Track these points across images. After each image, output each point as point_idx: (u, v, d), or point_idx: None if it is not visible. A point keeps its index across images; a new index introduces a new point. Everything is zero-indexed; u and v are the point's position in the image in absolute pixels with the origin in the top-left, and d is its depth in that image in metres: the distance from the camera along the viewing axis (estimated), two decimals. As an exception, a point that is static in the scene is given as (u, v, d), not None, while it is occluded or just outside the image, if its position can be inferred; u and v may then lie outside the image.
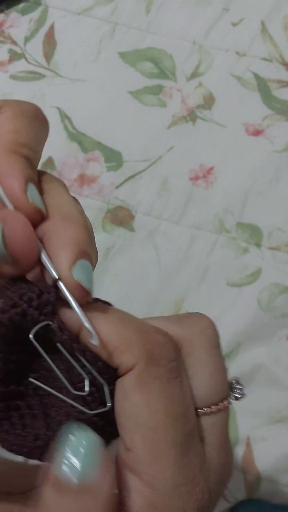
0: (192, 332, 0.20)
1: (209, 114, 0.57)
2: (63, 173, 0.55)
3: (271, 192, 0.52)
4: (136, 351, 0.18)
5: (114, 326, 0.19)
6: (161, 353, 0.19)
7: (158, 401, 0.18)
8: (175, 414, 0.18)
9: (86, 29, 0.62)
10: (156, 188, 0.53)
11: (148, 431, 0.18)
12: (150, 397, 0.18)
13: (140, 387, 0.18)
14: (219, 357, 0.21)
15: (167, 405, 0.18)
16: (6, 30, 0.63)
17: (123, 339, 0.19)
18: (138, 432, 0.18)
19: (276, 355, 0.47)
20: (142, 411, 0.18)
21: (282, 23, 0.60)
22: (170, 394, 0.18)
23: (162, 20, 0.62)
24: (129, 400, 0.18)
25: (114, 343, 0.19)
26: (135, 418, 0.18)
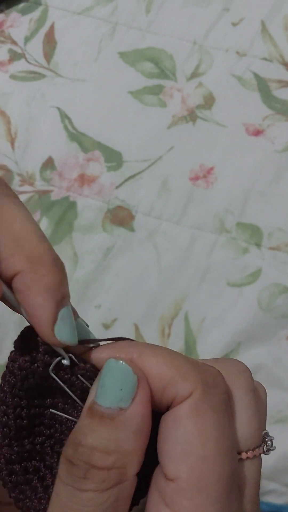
0: (231, 372, 0.20)
1: (209, 114, 0.57)
2: (63, 173, 0.55)
3: (271, 192, 0.52)
4: (192, 379, 0.18)
5: (164, 359, 0.18)
6: (215, 382, 0.18)
7: (210, 431, 0.17)
8: (225, 447, 0.17)
9: (86, 29, 0.62)
10: (156, 188, 0.53)
11: (196, 460, 0.17)
12: (203, 426, 0.17)
13: (194, 415, 0.17)
14: (255, 401, 0.20)
15: (219, 436, 0.17)
16: (6, 30, 0.63)
17: (176, 369, 0.18)
18: (186, 460, 0.17)
19: (276, 355, 0.47)
20: (194, 439, 0.17)
21: (282, 23, 0.60)
22: (222, 426, 0.18)
23: (162, 20, 0.62)
24: (181, 427, 0.17)
25: (169, 374, 0.18)
26: (184, 445, 0.17)
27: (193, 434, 0.17)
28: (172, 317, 0.49)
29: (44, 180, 0.55)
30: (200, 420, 0.17)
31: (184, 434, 0.17)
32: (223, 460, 0.17)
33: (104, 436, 0.17)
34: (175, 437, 0.17)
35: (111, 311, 0.49)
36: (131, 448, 0.17)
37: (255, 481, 0.20)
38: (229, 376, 0.19)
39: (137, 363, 0.18)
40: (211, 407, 0.18)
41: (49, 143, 0.56)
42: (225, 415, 0.18)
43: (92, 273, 0.51)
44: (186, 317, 0.49)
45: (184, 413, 0.17)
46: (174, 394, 0.18)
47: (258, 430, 0.20)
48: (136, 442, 0.17)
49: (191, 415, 0.17)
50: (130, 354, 0.19)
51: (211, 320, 0.48)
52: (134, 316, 0.49)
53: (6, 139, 0.57)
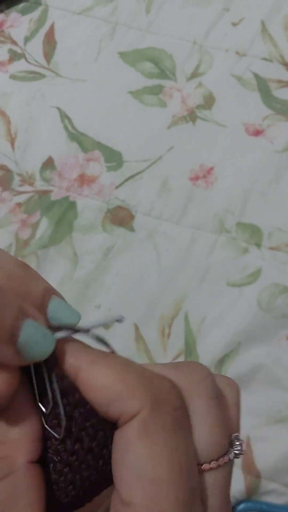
0: (190, 380, 0.19)
1: (209, 114, 0.57)
2: (63, 173, 0.55)
3: (271, 192, 0.52)
4: (140, 397, 0.17)
5: (115, 371, 0.17)
6: (167, 399, 0.17)
7: (162, 452, 0.17)
8: (178, 468, 0.17)
9: (86, 29, 0.62)
10: (156, 188, 0.53)
11: (149, 485, 0.16)
12: (154, 448, 0.17)
13: (143, 436, 0.17)
14: (219, 408, 0.19)
15: (171, 457, 0.17)
16: (6, 30, 0.63)
17: (126, 383, 0.17)
18: (139, 485, 0.16)
19: (276, 355, 0.47)
20: (145, 462, 0.16)
21: (282, 23, 0.60)
22: (174, 446, 0.17)
23: (162, 20, 0.62)
24: (131, 449, 0.17)
25: (116, 388, 0.17)
26: (136, 469, 0.17)
27: (144, 458, 0.16)
28: (172, 317, 0.49)
29: (44, 180, 0.55)
30: (150, 441, 0.17)
31: (135, 458, 0.17)
32: (177, 480, 0.17)
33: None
34: (127, 461, 0.17)
35: (111, 311, 0.49)
36: (16, 436, 0.17)
37: (221, 491, 0.19)
38: (187, 385, 0.19)
39: (85, 372, 0.18)
40: (161, 426, 0.17)
41: (49, 143, 0.56)
42: (178, 433, 0.17)
43: (92, 273, 0.51)
44: (186, 317, 0.49)
45: (133, 435, 0.17)
46: (120, 411, 0.17)
47: (221, 439, 0.19)
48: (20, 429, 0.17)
49: (141, 437, 0.17)
50: (79, 361, 0.18)
51: (211, 320, 0.48)
52: (134, 316, 0.49)
53: (6, 139, 0.57)
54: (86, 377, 0.17)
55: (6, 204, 0.54)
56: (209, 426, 0.19)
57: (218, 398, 0.19)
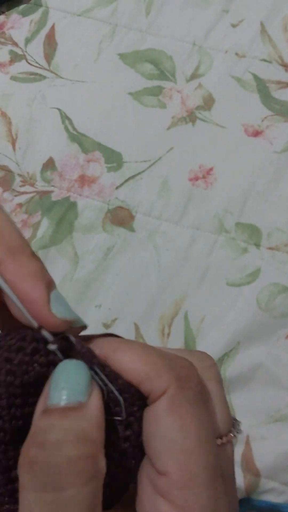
0: (203, 365, 0.21)
1: (208, 115, 0.57)
2: (64, 174, 0.55)
3: (270, 193, 0.53)
4: (166, 376, 0.18)
5: (139, 355, 0.19)
6: (189, 376, 0.19)
7: (190, 424, 0.18)
8: (205, 437, 0.18)
9: (86, 30, 0.63)
10: (156, 189, 0.54)
11: (181, 454, 0.18)
12: (182, 421, 0.18)
13: (172, 411, 0.18)
14: (224, 391, 0.21)
15: (198, 428, 0.18)
16: (6, 32, 0.64)
17: (151, 365, 0.19)
18: (172, 456, 0.18)
19: (276, 355, 0.47)
20: (175, 434, 0.18)
21: (282, 24, 0.60)
22: (199, 417, 0.18)
23: (162, 22, 0.62)
24: (162, 424, 0.18)
25: (143, 371, 0.18)
26: (168, 442, 0.18)
27: (174, 430, 0.18)
28: (172, 316, 0.49)
29: (45, 180, 0.55)
30: (178, 415, 0.18)
31: (165, 431, 0.18)
32: (205, 450, 0.18)
33: (69, 427, 0.16)
34: (158, 435, 0.18)
35: (111, 310, 0.50)
36: (98, 438, 0.17)
37: (230, 464, 0.21)
38: (201, 369, 0.20)
39: (112, 359, 0.19)
40: (187, 401, 0.18)
41: (50, 144, 0.57)
42: (202, 406, 0.19)
43: (93, 273, 0.51)
44: (186, 317, 0.49)
45: (163, 410, 0.18)
46: (149, 390, 0.18)
47: (229, 417, 0.21)
48: (99, 433, 0.17)
49: (170, 412, 0.18)
50: (104, 349, 0.19)
51: (210, 320, 0.49)
52: (134, 315, 0.49)
53: (7, 140, 0.57)
54: (113, 364, 0.19)
55: (7, 205, 0.55)
56: (220, 405, 0.21)
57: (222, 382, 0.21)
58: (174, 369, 0.19)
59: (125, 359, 0.19)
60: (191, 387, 0.19)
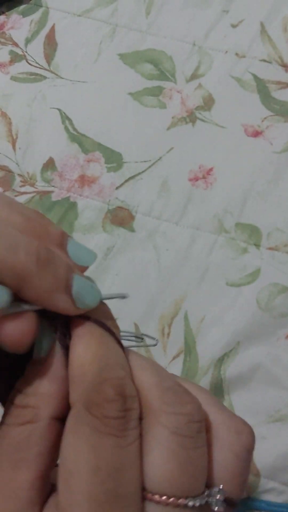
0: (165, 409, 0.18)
1: (208, 115, 0.57)
2: (64, 174, 0.55)
3: (270, 193, 0.53)
4: (80, 390, 0.18)
5: (85, 354, 0.19)
6: (99, 406, 0.17)
7: (81, 447, 0.17)
8: (93, 467, 0.17)
9: (86, 30, 0.63)
10: (156, 189, 0.54)
11: (66, 475, 0.17)
12: (76, 441, 0.17)
13: (72, 429, 0.18)
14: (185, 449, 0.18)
15: (88, 454, 0.17)
16: (7, 32, 0.64)
17: (81, 372, 0.18)
18: (61, 474, 0.17)
19: (275, 355, 0.47)
20: (68, 453, 0.17)
21: (282, 25, 0.60)
22: (96, 445, 0.17)
23: (162, 22, 0.62)
24: (63, 439, 0.18)
25: (73, 371, 0.19)
26: (62, 458, 0.18)
27: (68, 448, 0.18)
28: (172, 316, 0.49)
29: (45, 181, 0.55)
30: (75, 434, 0.18)
31: (63, 448, 0.18)
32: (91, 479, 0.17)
33: (25, 380, 0.19)
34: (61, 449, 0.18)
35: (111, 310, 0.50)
36: (45, 391, 0.19)
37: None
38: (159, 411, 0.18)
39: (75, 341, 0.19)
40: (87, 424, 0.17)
41: (50, 144, 0.57)
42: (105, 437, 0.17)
43: (93, 273, 0.51)
44: (186, 317, 0.49)
45: (67, 425, 0.18)
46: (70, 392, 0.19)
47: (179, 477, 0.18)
48: (50, 386, 0.19)
49: (70, 428, 0.18)
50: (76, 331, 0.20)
51: (210, 320, 0.49)
52: (134, 315, 0.49)
53: (7, 140, 0.58)
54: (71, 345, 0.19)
55: (7, 205, 0.55)
56: (164, 459, 0.18)
57: (189, 439, 0.18)
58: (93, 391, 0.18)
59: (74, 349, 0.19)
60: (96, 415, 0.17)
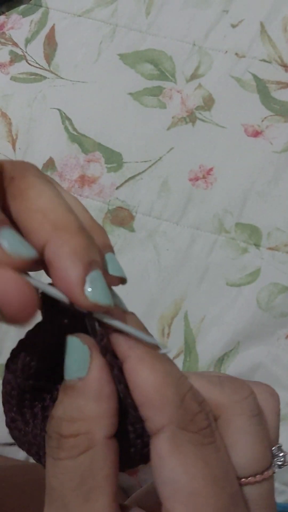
0: (233, 399, 0.20)
1: (208, 115, 0.57)
2: (64, 174, 0.55)
3: (270, 193, 0.53)
4: (168, 413, 0.18)
5: (155, 378, 0.18)
6: (193, 421, 0.18)
7: (194, 464, 0.17)
8: (213, 478, 0.17)
9: (86, 30, 0.63)
10: (156, 189, 0.54)
11: (188, 497, 0.17)
12: (186, 461, 0.17)
13: (175, 452, 0.17)
14: (261, 425, 0.20)
15: (204, 468, 0.17)
16: (7, 32, 0.64)
17: (161, 394, 0.18)
18: (178, 499, 0.17)
19: (275, 354, 0.47)
20: (179, 476, 0.17)
21: (281, 25, 0.60)
22: (205, 457, 0.18)
23: (162, 22, 0.62)
24: (165, 465, 0.18)
25: (150, 395, 0.18)
26: (173, 483, 0.17)
27: (178, 471, 0.17)
28: (172, 316, 0.49)
29: (45, 181, 0.55)
30: (181, 455, 0.17)
31: (169, 472, 0.17)
32: (213, 489, 0.17)
33: (67, 405, 0.18)
34: (163, 476, 0.18)
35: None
36: (94, 413, 0.18)
37: (267, 503, 0.20)
38: (231, 403, 0.19)
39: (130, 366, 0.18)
40: (189, 442, 0.18)
41: (50, 144, 0.57)
42: (207, 446, 0.18)
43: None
44: (186, 317, 0.49)
45: (164, 450, 0.18)
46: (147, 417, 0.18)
47: (263, 454, 0.19)
48: (98, 406, 0.18)
49: (171, 452, 0.17)
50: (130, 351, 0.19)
51: (210, 320, 0.49)
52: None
53: (7, 140, 0.58)
54: (129, 370, 0.18)
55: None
56: (250, 443, 0.19)
57: (259, 416, 0.20)
58: (181, 409, 0.18)
59: (141, 373, 0.18)
60: (193, 431, 0.18)
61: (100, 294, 0.18)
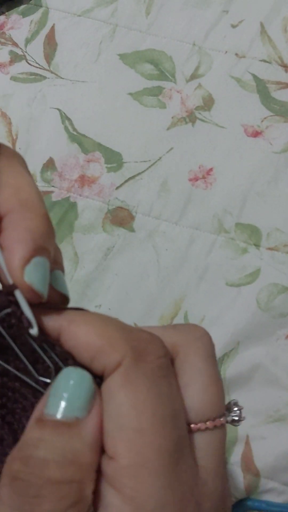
0: (187, 338, 0.19)
1: (208, 115, 0.57)
2: (64, 174, 0.55)
3: (269, 193, 0.53)
4: (121, 348, 0.17)
5: (94, 327, 0.17)
6: (148, 348, 0.17)
7: (144, 400, 0.16)
8: (163, 416, 0.16)
9: (86, 30, 0.63)
10: (156, 189, 0.54)
11: (133, 435, 0.15)
12: (136, 396, 0.16)
13: (126, 386, 0.16)
14: (215, 368, 0.19)
15: (155, 405, 0.16)
16: (7, 32, 0.64)
17: (106, 338, 0.17)
18: (122, 437, 0.16)
19: (275, 355, 0.47)
20: (127, 411, 0.16)
21: (282, 25, 0.60)
22: (158, 393, 0.16)
23: (162, 22, 0.62)
24: (113, 400, 0.16)
25: (97, 344, 0.17)
26: (119, 419, 0.16)
27: (126, 406, 0.16)
28: (172, 316, 0.49)
29: (45, 181, 0.55)
30: (132, 390, 0.16)
31: (117, 407, 0.16)
32: (162, 429, 0.16)
33: (59, 446, 0.15)
34: (109, 411, 0.16)
35: (111, 310, 0.50)
36: (89, 461, 0.15)
37: (216, 453, 0.18)
38: (185, 342, 0.18)
39: (66, 332, 0.17)
40: (144, 374, 0.16)
41: (50, 144, 0.57)
42: (162, 381, 0.17)
43: (93, 273, 0.51)
44: (186, 317, 0.49)
45: (115, 385, 0.16)
46: (103, 365, 0.17)
47: (217, 398, 0.18)
48: (92, 455, 0.16)
49: (122, 386, 0.16)
50: (59, 321, 0.17)
51: (210, 320, 0.49)
52: (134, 315, 0.49)
53: (7, 140, 0.58)
54: (67, 337, 0.17)
55: (7, 205, 0.55)
56: (205, 383, 0.18)
57: (214, 357, 0.19)
58: (131, 341, 0.17)
59: (79, 332, 0.17)
60: (149, 360, 0.17)
61: (39, 280, 0.17)
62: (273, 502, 0.44)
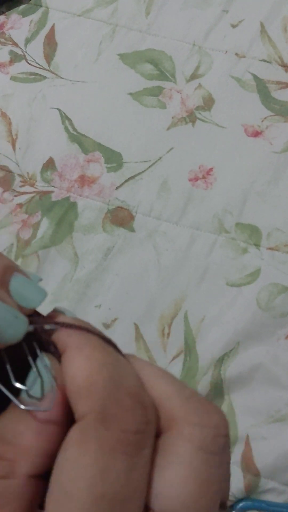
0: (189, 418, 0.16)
1: (208, 115, 0.57)
2: (64, 174, 0.55)
3: (270, 193, 0.53)
4: (92, 401, 0.15)
5: (89, 365, 0.16)
6: (121, 416, 0.15)
7: (88, 468, 0.14)
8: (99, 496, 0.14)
9: (86, 30, 0.63)
10: (156, 189, 0.54)
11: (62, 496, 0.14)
12: (81, 459, 0.14)
13: (78, 443, 0.15)
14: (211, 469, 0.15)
15: (96, 479, 0.14)
16: (6, 32, 0.64)
17: (90, 382, 0.15)
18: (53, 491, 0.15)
19: (275, 355, 0.47)
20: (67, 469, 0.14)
21: (281, 25, 0.60)
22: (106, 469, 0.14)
23: (162, 22, 0.62)
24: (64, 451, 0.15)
25: (80, 383, 0.15)
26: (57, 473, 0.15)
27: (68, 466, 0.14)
28: (172, 316, 0.49)
29: (45, 181, 0.55)
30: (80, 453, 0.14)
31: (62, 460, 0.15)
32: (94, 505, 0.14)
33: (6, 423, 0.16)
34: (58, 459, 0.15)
35: (111, 310, 0.50)
36: (27, 444, 0.15)
37: None
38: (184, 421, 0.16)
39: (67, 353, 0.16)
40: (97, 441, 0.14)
41: (50, 144, 0.57)
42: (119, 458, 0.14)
43: (93, 273, 0.51)
44: (186, 317, 0.49)
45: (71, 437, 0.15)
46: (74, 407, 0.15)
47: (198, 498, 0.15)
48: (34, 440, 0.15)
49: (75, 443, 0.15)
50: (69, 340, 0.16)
51: (210, 320, 0.49)
52: (134, 315, 0.49)
53: (7, 140, 0.58)
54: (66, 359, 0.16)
55: (7, 205, 0.55)
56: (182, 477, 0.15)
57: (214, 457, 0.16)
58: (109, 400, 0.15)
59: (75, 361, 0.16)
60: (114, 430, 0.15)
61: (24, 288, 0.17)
62: (273, 502, 0.44)
